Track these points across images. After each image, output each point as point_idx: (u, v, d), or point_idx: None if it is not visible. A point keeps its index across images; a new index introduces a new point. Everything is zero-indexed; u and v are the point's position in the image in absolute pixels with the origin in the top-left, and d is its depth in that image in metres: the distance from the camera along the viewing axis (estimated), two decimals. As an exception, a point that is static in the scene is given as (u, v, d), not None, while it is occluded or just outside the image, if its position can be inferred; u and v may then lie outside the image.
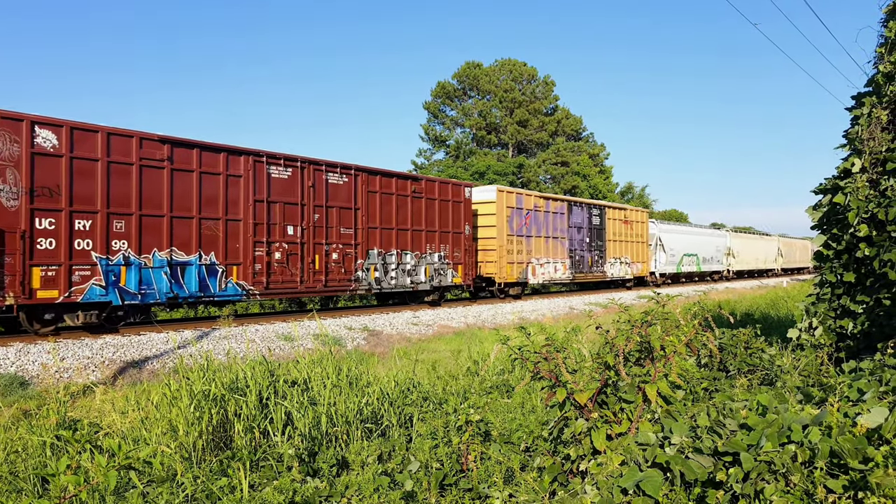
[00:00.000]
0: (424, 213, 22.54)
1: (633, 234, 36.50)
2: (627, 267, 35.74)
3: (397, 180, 21.64)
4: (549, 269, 28.88)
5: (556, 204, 29.96)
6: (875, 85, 6.95)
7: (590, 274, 32.26)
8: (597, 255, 32.70)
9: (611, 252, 34.04)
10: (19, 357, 11.77)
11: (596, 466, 3.39)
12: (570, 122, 59.92)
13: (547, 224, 28.90)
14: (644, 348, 4.28)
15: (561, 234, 29.91)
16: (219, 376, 6.55)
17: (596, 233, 32.75)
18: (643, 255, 37.83)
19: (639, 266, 37.22)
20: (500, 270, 25.90)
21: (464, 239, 24.23)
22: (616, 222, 34.84)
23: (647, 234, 38.31)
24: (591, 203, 33.09)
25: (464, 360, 9.70)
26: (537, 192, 28.85)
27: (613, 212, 34.79)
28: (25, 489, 5.12)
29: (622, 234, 35.32)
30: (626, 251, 35.71)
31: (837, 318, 7.08)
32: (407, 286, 21.70)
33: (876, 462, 2.79)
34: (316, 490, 4.45)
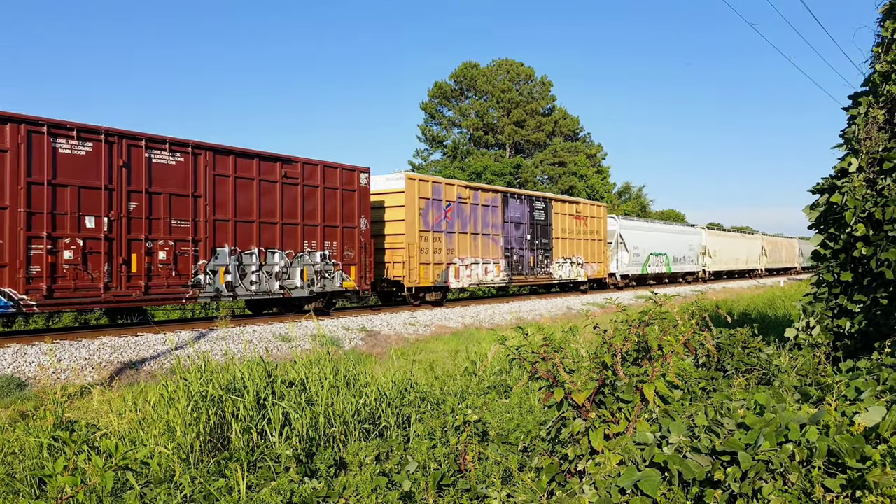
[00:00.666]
0: (301, 203, 18.55)
1: (588, 230, 32.80)
2: (580, 268, 31.93)
3: (261, 162, 17.61)
4: (478, 271, 25.03)
5: (487, 195, 26.04)
6: (872, 84, 6.96)
7: (531, 276, 28.31)
8: (541, 255, 28.77)
9: (559, 251, 30.17)
10: (16, 358, 11.75)
11: (594, 466, 3.39)
12: (568, 122, 59.99)
13: (475, 218, 25.03)
14: (642, 348, 4.28)
15: (494, 231, 25.98)
16: (216, 377, 6.54)
17: (540, 229, 28.77)
18: (600, 254, 34.10)
19: (595, 267, 33.45)
20: (411, 273, 22.04)
21: (358, 235, 20.17)
22: (566, 217, 30.87)
23: (605, 231, 34.68)
24: (534, 195, 28.95)
25: (461, 361, 9.70)
26: (463, 181, 24.69)
27: (562, 205, 30.79)
28: (22, 490, 5.11)
29: (574, 231, 31.51)
30: (578, 250, 31.87)
31: (835, 318, 7.09)
32: (275, 292, 17.87)
33: (873, 461, 2.79)
34: (314, 491, 4.44)
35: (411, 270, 22.07)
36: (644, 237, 39.22)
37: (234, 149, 17.08)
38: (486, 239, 25.67)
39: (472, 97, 59.15)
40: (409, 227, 21.99)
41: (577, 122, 61.14)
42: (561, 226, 30.37)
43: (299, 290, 18.56)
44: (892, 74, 6.75)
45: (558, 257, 30.13)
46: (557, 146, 57.98)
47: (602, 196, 58.25)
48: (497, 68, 58.65)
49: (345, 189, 19.92)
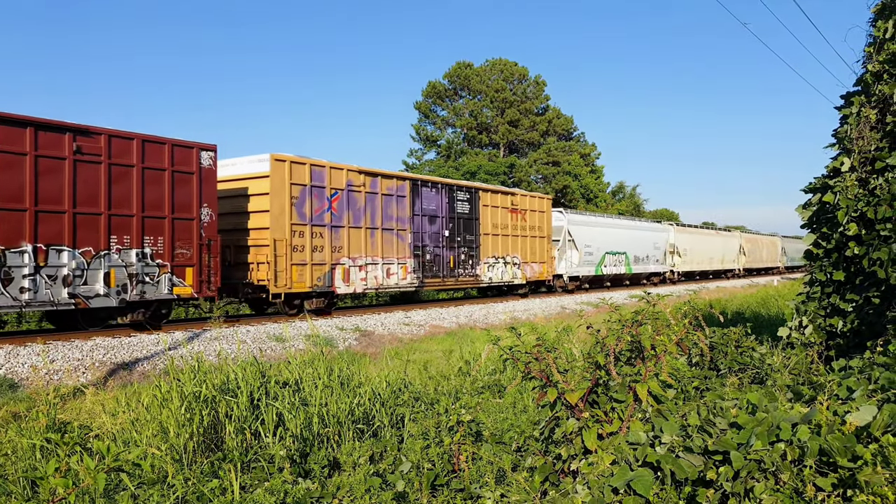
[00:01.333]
0: (107, 187, 14.41)
1: (528, 226, 28.62)
2: (516, 268, 27.73)
3: (38, 132, 13.33)
4: (377, 273, 21.08)
5: (391, 183, 21.90)
6: (864, 84, 6.99)
7: (450, 278, 24.25)
8: (464, 254, 24.77)
9: (488, 249, 26.14)
10: (8, 359, 11.70)
11: (587, 466, 3.40)
12: (562, 121, 60.02)
13: (373, 210, 21.04)
14: (635, 348, 4.29)
15: (400, 225, 21.94)
16: (210, 377, 6.53)
17: (462, 224, 24.76)
18: (544, 253, 29.88)
19: (536, 267, 29.25)
20: (278, 276, 17.96)
21: (198, 229, 15.96)
22: (497, 211, 26.78)
23: (549, 227, 30.41)
24: (455, 184, 25.01)
25: (455, 361, 9.70)
26: (357, 165, 20.72)
27: (492, 196, 26.70)
28: (15, 492, 5.09)
29: (509, 227, 27.42)
30: (514, 248, 27.72)
31: (827, 317, 7.11)
32: (61, 301, 13.69)
33: (865, 460, 2.80)
34: (307, 491, 4.44)
35: (278, 273, 17.97)
36: (598, 234, 34.97)
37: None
38: (388, 235, 21.57)
39: (466, 97, 59.15)
40: (277, 220, 18.17)
41: (570, 121, 61.19)
42: (491, 220, 26.32)
43: (102, 299, 14.38)
44: (883, 74, 6.78)
45: (487, 256, 26.05)
46: (551, 146, 58.01)
47: (596, 196, 58.27)
48: (491, 68, 58.64)
49: (178, 171, 15.69)
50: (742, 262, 56.18)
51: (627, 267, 38.16)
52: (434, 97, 59.33)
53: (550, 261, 30.47)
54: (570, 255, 32.49)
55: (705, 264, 48.96)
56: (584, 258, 33.60)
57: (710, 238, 51.56)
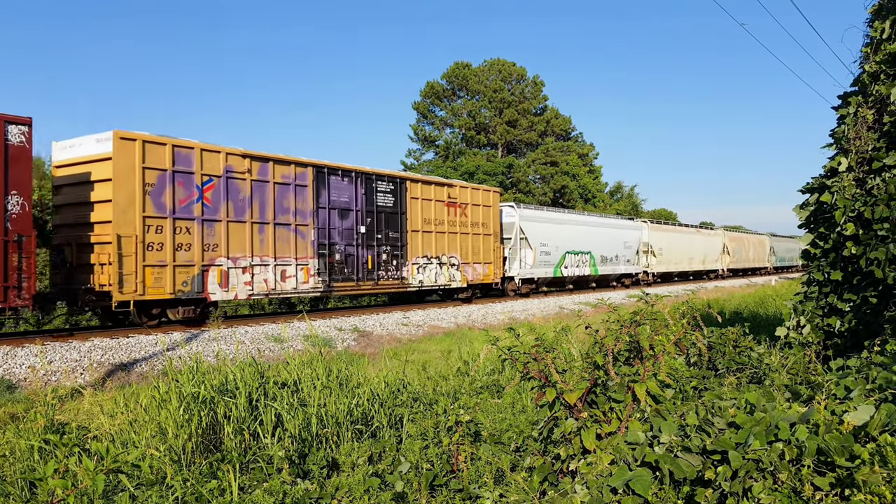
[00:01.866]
0: None
1: (471, 222, 25.39)
2: (454, 270, 24.35)
3: None
4: (268, 276, 17.87)
5: (286, 170, 18.57)
6: (861, 84, 7.00)
7: (367, 282, 20.79)
8: (386, 253, 21.50)
9: (418, 248, 22.77)
10: (6, 360, 11.69)
11: (586, 466, 3.40)
12: (560, 122, 60.06)
13: (263, 201, 17.83)
14: (633, 348, 4.29)
15: (300, 220, 18.76)
16: (208, 378, 6.53)
17: (385, 219, 21.55)
18: (490, 252, 26.56)
19: (480, 268, 25.89)
20: (124, 279, 14.67)
21: (2, 222, 12.57)
22: (431, 204, 23.51)
23: (496, 224, 27.11)
24: (373, 173, 21.40)
25: (454, 361, 9.71)
26: (240, 148, 17.33)
27: (423, 188, 23.32)
28: (13, 493, 5.08)
29: (445, 222, 24.10)
30: (452, 247, 24.36)
31: (825, 317, 7.12)
32: None
33: (862, 459, 2.81)
34: (306, 492, 4.44)
35: (125, 276, 14.67)
36: (557, 232, 31.20)
37: None
38: (284, 231, 18.39)
39: (464, 97, 59.17)
40: (123, 213, 14.82)
41: (568, 121, 61.23)
42: (422, 215, 22.99)
43: None
44: (880, 75, 6.79)
45: (417, 256, 22.68)
46: (549, 146, 58.04)
47: (594, 195, 58.26)
48: (489, 68, 58.66)
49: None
50: (726, 263, 52.97)
51: (593, 268, 34.64)
52: (432, 97, 59.35)
53: (498, 261, 27.10)
54: (523, 254, 28.92)
55: (684, 264, 45.64)
56: (541, 258, 29.90)
57: (690, 236, 47.69)
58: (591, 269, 34.45)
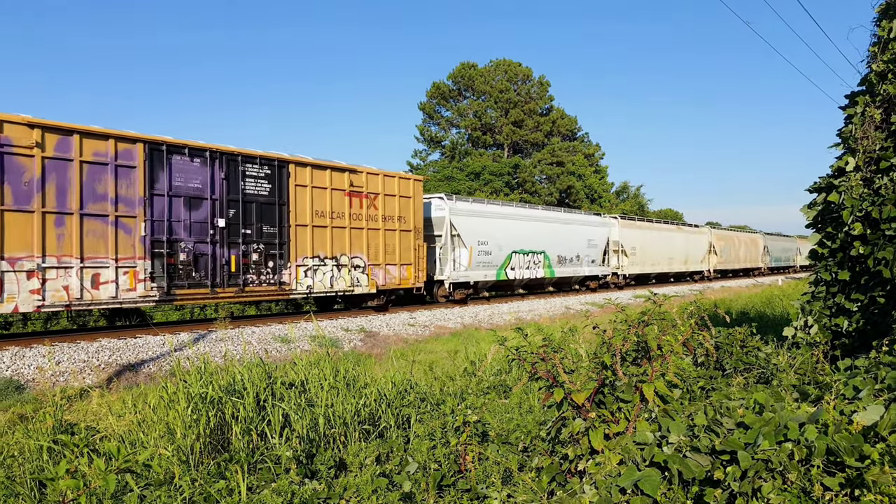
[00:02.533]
0: None
1: (381, 215, 21.16)
2: (359, 273, 20.28)
3: None
4: (71, 282, 14.00)
5: (99, 144, 14.69)
6: (868, 84, 6.98)
7: (230, 287, 16.83)
8: (259, 253, 17.58)
9: (306, 246, 18.77)
10: (14, 361, 11.74)
11: (594, 466, 3.40)
12: (566, 122, 60.02)
13: (63, 185, 14.02)
14: (641, 348, 4.29)
15: (123, 210, 14.93)
16: (216, 379, 6.55)
17: (258, 210, 17.60)
18: (410, 252, 22.27)
19: (395, 271, 21.65)
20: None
21: None
22: (325, 193, 19.32)
23: (418, 218, 22.67)
24: (238, 153, 17.29)
25: (461, 361, 9.71)
26: (24, 116, 13.56)
27: (314, 173, 19.12)
28: (22, 493, 5.11)
29: (346, 216, 19.97)
30: (357, 245, 20.24)
31: (833, 317, 7.10)
32: None
33: (872, 460, 2.80)
34: (314, 492, 4.45)
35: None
36: (499, 228, 26.98)
37: None
38: (97, 224, 14.53)
39: (470, 97, 59.17)
40: None
41: (574, 121, 61.18)
42: (313, 206, 19.05)
43: None
44: (888, 74, 6.77)
45: (305, 256, 18.75)
46: (555, 146, 57.99)
47: (600, 196, 58.14)
48: (495, 68, 58.65)
49: None
50: (713, 263, 48.85)
51: (548, 269, 30.19)
52: (438, 98, 59.37)
53: (421, 262, 22.68)
54: (457, 254, 24.71)
55: (663, 265, 41.49)
56: (479, 259, 25.60)
57: (670, 234, 43.29)
58: (545, 270, 29.98)
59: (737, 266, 53.93)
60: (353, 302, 21.76)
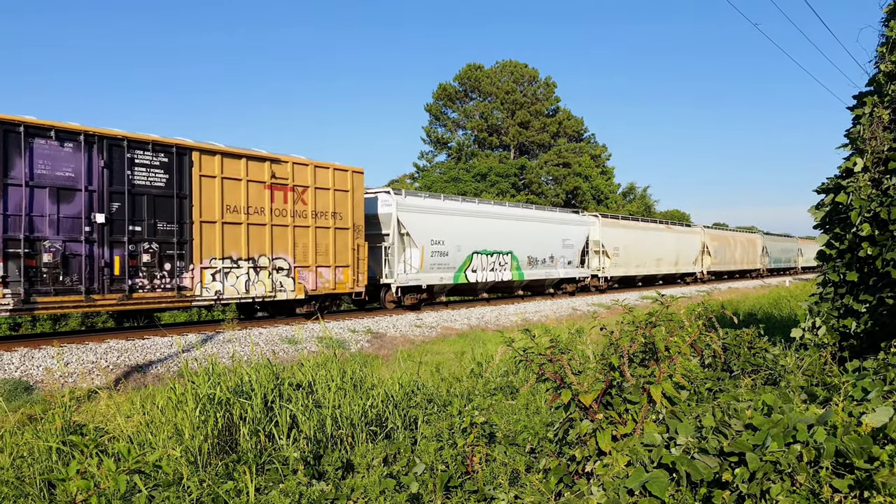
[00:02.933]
0: None
1: (312, 211, 18.77)
2: (283, 276, 17.93)
3: None
4: None
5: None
6: (876, 84, 6.95)
7: (113, 294, 14.41)
8: (150, 254, 15.17)
9: (214, 247, 16.35)
10: (24, 362, 11.81)
11: (602, 467, 3.40)
12: (572, 123, 59.96)
13: None
14: (648, 349, 4.29)
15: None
16: (224, 380, 6.57)
17: (150, 205, 15.21)
18: (348, 252, 19.79)
19: (329, 273, 19.23)
20: None
21: None
22: (239, 186, 16.98)
23: (358, 215, 20.25)
24: (125, 137, 14.89)
25: (468, 362, 9.71)
26: None
27: (226, 162, 16.73)
28: (32, 494, 5.14)
29: (266, 211, 17.58)
30: (279, 245, 17.90)
31: (841, 318, 7.08)
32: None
33: (881, 461, 2.79)
34: (322, 493, 4.46)
35: None
36: (457, 226, 24.29)
37: None
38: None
39: (477, 99, 59.19)
40: None
41: (581, 122, 61.12)
42: (224, 200, 16.65)
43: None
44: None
45: (212, 257, 16.32)
46: (562, 147, 57.94)
47: (607, 196, 58.05)
48: (501, 70, 58.66)
49: None
50: (706, 264, 46.12)
51: (516, 272, 27.50)
52: (444, 99, 59.41)
53: (361, 263, 20.18)
54: (407, 255, 22.22)
55: (650, 267, 38.95)
56: (432, 260, 22.97)
57: (658, 234, 40.44)
58: (513, 272, 27.30)
59: (732, 267, 51.18)
60: (279, 309, 19.35)
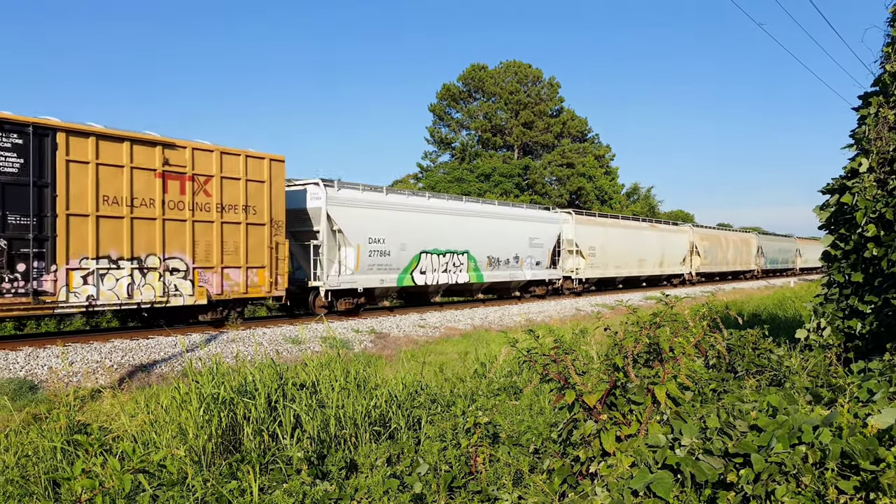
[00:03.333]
0: None
1: (217, 204, 16.21)
2: (180, 279, 15.40)
3: None
4: None
5: None
6: (882, 84, 6.93)
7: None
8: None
9: (86, 244, 13.94)
10: (28, 361, 11.84)
11: (606, 468, 3.39)
12: (576, 123, 59.88)
13: None
14: (653, 350, 4.28)
15: None
16: (227, 379, 6.58)
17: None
18: (263, 252, 17.24)
19: (240, 276, 16.64)
20: None
21: None
22: (122, 173, 14.50)
23: (278, 209, 17.73)
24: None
25: (471, 363, 9.71)
26: None
27: (103, 146, 14.26)
28: (37, 493, 5.15)
29: (158, 204, 15.08)
30: (173, 243, 15.33)
31: (846, 319, 7.06)
32: None
33: (887, 463, 2.78)
34: (325, 493, 4.46)
35: None
36: (401, 223, 21.74)
37: None
38: None
39: (481, 99, 59.14)
40: None
41: (585, 123, 61.03)
42: (101, 189, 14.19)
43: None
44: (902, 74, 6.73)
45: (84, 257, 13.90)
46: (566, 147, 57.87)
47: (611, 197, 57.99)
48: (505, 70, 58.60)
49: None
50: (695, 265, 43.65)
51: (474, 273, 24.94)
52: (448, 100, 59.38)
53: (280, 264, 17.67)
54: (342, 255, 19.80)
55: (632, 268, 36.48)
56: (371, 260, 20.46)
57: (640, 233, 37.74)
58: (470, 274, 24.72)
59: (724, 268, 48.46)
60: (175, 316, 16.57)
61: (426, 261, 22.75)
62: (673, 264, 41.14)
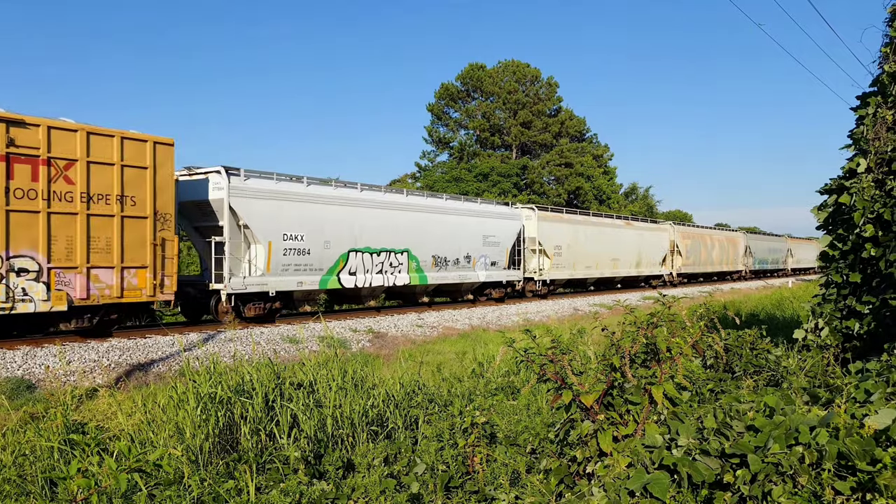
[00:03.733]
0: None
1: (83, 193, 13.41)
2: (32, 282, 12.55)
3: None
4: None
5: None
6: (880, 85, 6.94)
7: None
8: None
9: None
10: (26, 360, 11.82)
11: (603, 468, 3.39)
12: (574, 123, 59.88)
13: None
14: (650, 350, 4.28)
15: None
16: (225, 379, 6.57)
17: None
18: (146, 249, 14.49)
19: (114, 278, 13.83)
20: None
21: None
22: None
23: (165, 200, 14.96)
24: None
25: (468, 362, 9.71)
26: None
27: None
28: (34, 492, 5.14)
29: (1, 191, 12.23)
30: (23, 240, 12.50)
31: (843, 319, 7.07)
32: None
33: (884, 464, 2.78)
34: (322, 492, 4.46)
35: None
36: (325, 217, 19.06)
37: None
38: None
39: (479, 98, 59.12)
40: None
41: (583, 122, 61.02)
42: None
43: None
44: (900, 75, 6.73)
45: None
46: (564, 147, 57.86)
47: (609, 197, 58.01)
48: (503, 69, 58.57)
49: None
50: (677, 266, 41.18)
51: (417, 274, 22.18)
52: (447, 99, 59.36)
53: (167, 264, 14.97)
54: (252, 254, 17.44)
55: (604, 268, 33.47)
56: (286, 260, 17.98)
57: (615, 231, 34.88)
58: (412, 275, 21.97)
59: (709, 269, 45.83)
60: (31, 326, 13.87)
61: (356, 260, 20.02)
62: (652, 264, 38.52)
